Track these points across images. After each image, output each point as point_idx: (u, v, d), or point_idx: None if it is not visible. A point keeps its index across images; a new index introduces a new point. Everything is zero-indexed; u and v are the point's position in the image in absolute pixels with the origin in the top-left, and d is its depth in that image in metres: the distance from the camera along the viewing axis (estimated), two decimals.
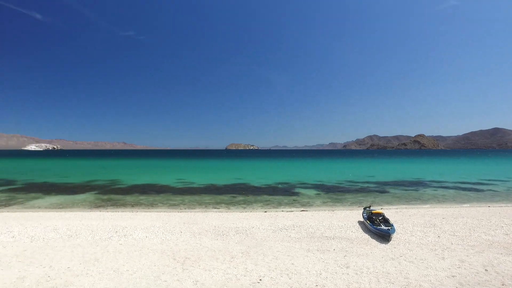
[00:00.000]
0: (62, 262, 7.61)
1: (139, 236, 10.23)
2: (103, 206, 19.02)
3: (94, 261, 7.67)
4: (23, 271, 6.95)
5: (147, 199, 21.47)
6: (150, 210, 17.58)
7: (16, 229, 11.19)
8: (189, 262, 7.65)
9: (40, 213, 16.17)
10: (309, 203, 20.03)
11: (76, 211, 16.96)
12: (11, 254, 8.24)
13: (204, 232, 10.85)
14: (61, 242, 9.56)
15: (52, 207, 18.85)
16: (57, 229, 11.33)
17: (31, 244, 9.31)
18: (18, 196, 23.13)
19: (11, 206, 19.06)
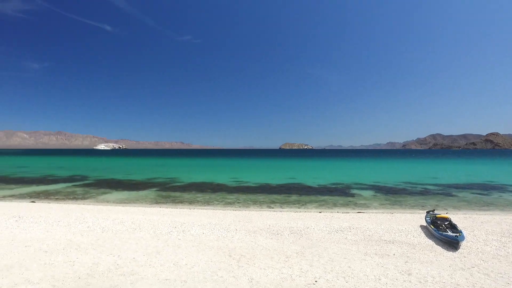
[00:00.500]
0: (128, 252, 8.18)
1: (197, 232, 10.63)
2: (163, 202, 20.11)
3: (156, 254, 8.12)
4: (97, 257, 7.60)
5: (203, 197, 22.28)
6: (206, 207, 18.21)
7: (90, 220, 12.30)
8: (244, 260, 7.76)
9: (109, 206, 17.59)
10: (366, 204, 19.24)
11: (139, 206, 18.15)
12: (87, 242, 9.07)
13: (259, 231, 10.95)
14: (127, 234, 10.28)
15: (119, 201, 20.39)
16: (123, 222, 12.21)
17: (102, 234, 10.15)
18: (91, 191, 25.46)
19: (86, 200, 21.03)
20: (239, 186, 28.73)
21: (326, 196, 22.70)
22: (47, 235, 9.86)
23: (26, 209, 15.34)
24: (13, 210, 14.91)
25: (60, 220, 12.39)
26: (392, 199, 21.21)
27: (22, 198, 21.39)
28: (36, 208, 16.24)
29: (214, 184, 30.62)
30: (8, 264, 6.98)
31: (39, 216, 13.21)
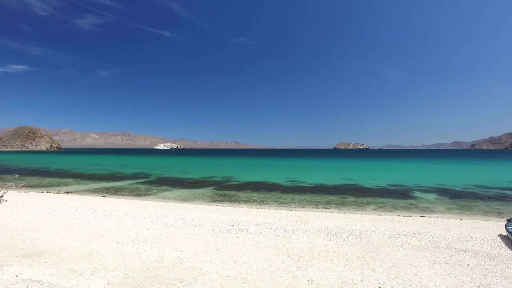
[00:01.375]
0: (190, 248, 8.53)
1: (254, 231, 10.75)
2: (220, 200, 20.70)
3: (216, 251, 8.35)
4: (161, 251, 8.05)
5: (258, 196, 22.53)
6: (262, 206, 18.37)
7: (154, 216, 13.09)
8: (303, 261, 7.66)
9: (170, 203, 18.56)
10: (430, 208, 17.96)
11: (197, 204, 18.88)
12: (152, 236, 9.65)
13: (316, 232, 10.76)
14: (187, 230, 10.74)
15: (178, 199, 21.42)
16: (184, 218, 12.78)
17: (165, 230, 10.72)
18: (153, 188, 27.12)
19: (148, 196, 22.44)
20: (293, 186, 28.58)
21: (384, 198, 21.65)
22: (118, 228, 10.68)
23: (99, 203, 16.79)
24: (89, 203, 16.42)
25: (128, 214, 13.35)
26: (460, 204, 19.53)
27: (95, 193, 23.46)
28: (107, 202, 17.70)
29: (269, 183, 30.80)
30: (88, 251, 7.68)
31: (110, 210, 14.38)
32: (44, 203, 15.77)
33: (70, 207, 14.70)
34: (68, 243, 8.39)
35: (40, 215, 12.50)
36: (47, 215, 12.49)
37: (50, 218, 12.01)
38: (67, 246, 8.04)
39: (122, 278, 6.01)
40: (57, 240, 8.66)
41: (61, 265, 6.59)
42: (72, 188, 26.23)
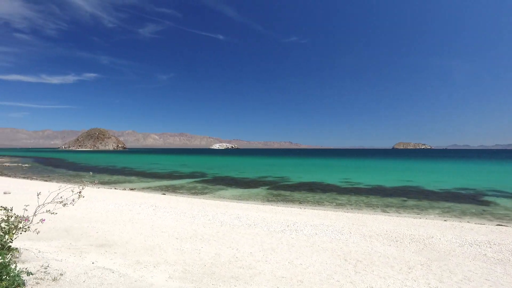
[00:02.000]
0: (245, 247, 8.62)
1: (309, 233, 10.57)
2: (274, 200, 20.72)
3: (271, 251, 8.34)
4: (218, 249, 8.25)
5: (313, 197, 22.16)
6: (317, 207, 18.03)
7: (211, 214, 13.51)
8: (361, 266, 7.34)
9: (225, 202, 19.01)
10: (508, 216, 16.17)
11: (252, 203, 19.10)
12: (209, 233, 9.95)
13: (375, 236, 10.26)
14: (243, 229, 10.89)
15: (233, 198, 21.87)
16: (239, 217, 13.00)
17: (221, 228, 10.99)
18: (209, 187, 28.04)
19: (205, 194, 23.24)
20: (350, 187, 27.66)
21: (451, 202, 19.99)
22: (177, 224, 11.18)
23: (159, 200, 17.78)
24: (150, 200, 17.46)
25: (186, 212, 13.93)
26: None
27: (156, 190, 24.90)
28: (167, 199, 18.67)
29: (324, 184, 30.18)
30: (151, 245, 8.14)
31: (169, 207, 15.14)
32: (112, 198, 17.12)
33: (134, 203, 15.76)
34: (133, 236, 8.97)
35: (109, 209, 13.57)
36: (115, 210, 13.52)
37: (118, 212, 12.97)
38: (133, 239, 8.59)
39: (181, 273, 6.25)
40: (124, 233, 9.31)
41: (128, 256, 7.06)
42: (136, 186, 28.10)
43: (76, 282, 4.32)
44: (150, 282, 4.83)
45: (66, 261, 5.62)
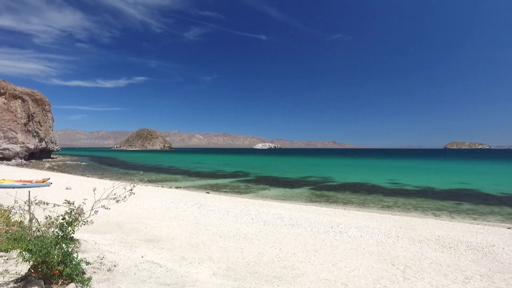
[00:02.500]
0: (288, 247, 8.57)
1: (354, 235, 10.26)
2: (317, 201, 20.39)
3: (314, 252, 8.21)
4: (261, 248, 8.28)
5: (358, 198, 21.50)
6: (362, 209, 17.45)
7: (254, 213, 13.62)
8: (410, 272, 6.97)
9: (268, 202, 19.06)
10: None
11: (294, 203, 18.95)
12: (252, 232, 10.03)
13: (425, 241, 9.70)
14: (286, 229, 10.83)
15: (276, 197, 21.85)
16: (282, 217, 12.96)
17: (264, 227, 11.02)
18: (252, 186, 28.30)
19: (248, 194, 23.47)
20: (396, 189, 26.45)
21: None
22: (221, 222, 11.41)
23: (203, 199, 18.27)
24: (195, 198, 18.00)
25: (229, 210, 14.16)
26: None
27: (200, 189, 25.61)
28: (211, 198, 19.12)
29: (369, 185, 29.16)
30: (196, 242, 8.39)
31: (213, 205, 15.49)
32: (159, 196, 17.89)
33: (180, 201, 16.33)
34: (179, 233, 9.30)
35: (156, 206, 14.20)
36: (162, 207, 14.11)
37: (164, 209, 13.53)
38: (178, 236, 8.91)
39: (225, 270, 6.37)
40: (170, 229, 9.68)
41: (174, 252, 7.33)
42: (181, 184, 29.13)
43: (128, 274, 4.56)
44: (195, 278, 4.97)
45: (118, 254, 5.96)
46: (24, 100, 60.29)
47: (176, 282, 4.48)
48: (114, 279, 4.29)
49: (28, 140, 59.19)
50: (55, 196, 14.56)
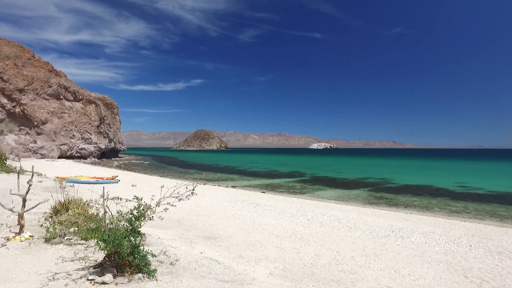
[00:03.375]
0: (346, 250, 8.29)
1: (418, 241, 9.60)
2: (376, 203, 19.49)
3: (374, 257, 7.84)
4: (317, 250, 8.13)
5: (420, 201, 20.13)
6: (425, 213, 16.29)
7: (310, 214, 13.43)
8: (488, 287, 6.32)
9: (324, 203, 18.67)
10: None
11: (352, 205, 18.31)
12: (308, 233, 9.89)
13: (505, 253, 8.73)
14: (343, 232, 10.51)
15: (332, 198, 21.31)
16: (339, 219, 12.60)
17: (320, 229, 10.81)
18: (307, 186, 27.96)
19: (303, 194, 23.23)
20: (466, 193, 24.26)
21: None
22: (276, 222, 11.42)
23: (259, 198, 18.46)
24: (251, 198, 18.27)
25: (285, 210, 14.13)
26: None
27: (255, 189, 25.93)
28: (266, 198, 19.26)
29: (433, 188, 27.15)
30: (252, 241, 8.50)
31: (269, 205, 15.58)
32: (216, 195, 18.46)
33: (236, 200, 16.69)
34: (236, 231, 9.49)
35: (214, 204, 14.67)
36: (219, 205, 14.54)
37: (221, 208, 13.92)
38: (235, 234, 9.10)
39: (282, 271, 6.35)
40: (227, 227, 9.93)
41: (231, 250, 7.49)
42: (237, 183, 29.75)
43: (189, 269, 4.76)
44: (252, 277, 5.02)
45: (179, 249, 6.26)
46: (97, 104, 66.30)
47: (234, 280, 4.57)
48: (176, 273, 4.51)
49: (100, 140, 64.96)
50: (122, 192, 15.74)
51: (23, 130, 50.39)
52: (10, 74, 49.48)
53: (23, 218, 5.77)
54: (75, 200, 7.03)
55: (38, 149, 50.71)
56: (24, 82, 50.96)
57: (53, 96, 55.61)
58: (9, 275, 4.14)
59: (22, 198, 5.81)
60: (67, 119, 57.04)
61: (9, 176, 15.21)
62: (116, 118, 78.39)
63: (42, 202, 6.28)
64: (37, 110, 52.16)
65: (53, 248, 5.24)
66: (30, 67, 55.29)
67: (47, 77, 55.77)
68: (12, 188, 6.68)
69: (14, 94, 49.36)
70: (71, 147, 56.50)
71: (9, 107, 48.93)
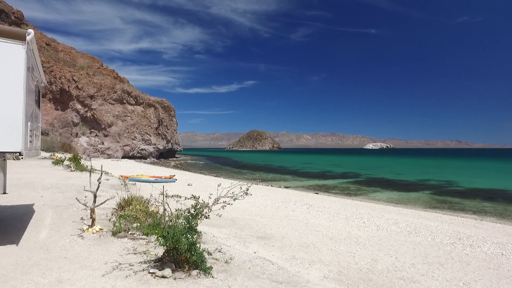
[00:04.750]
0: (406, 256, 7.81)
1: (492, 251, 8.72)
2: (439, 207, 18.14)
3: (438, 265, 7.29)
4: (374, 254, 7.76)
5: (494, 208, 18.28)
6: (500, 221, 14.73)
7: (365, 216, 12.91)
8: None
9: (381, 205, 17.82)
10: None
11: (411, 209, 17.25)
12: (364, 237, 9.50)
13: None
14: (402, 237, 9.92)
15: (390, 201, 20.26)
16: (397, 223, 11.94)
17: (377, 232, 10.33)
18: (362, 188, 26.94)
19: (358, 196, 22.41)
20: None
21: None
22: (330, 224, 11.14)
23: (312, 199, 18.17)
24: (304, 198, 18.05)
25: (339, 212, 13.74)
26: None
27: (308, 189, 25.58)
28: (320, 199, 18.90)
29: (509, 192, 24.54)
30: (306, 242, 8.39)
31: (323, 206, 15.26)
32: (269, 195, 18.53)
33: (289, 200, 16.59)
34: (289, 232, 9.43)
35: (267, 205, 14.74)
36: (272, 206, 14.57)
37: (274, 208, 13.94)
38: (288, 235, 9.04)
39: (336, 274, 6.17)
40: (280, 228, 9.90)
41: (285, 250, 7.46)
42: (290, 184, 29.60)
43: (243, 268, 4.82)
44: (306, 279, 4.94)
45: (233, 248, 6.37)
46: (156, 107, 70.36)
47: (288, 281, 4.53)
48: (231, 271, 4.59)
49: (158, 142, 68.82)
50: (179, 191, 16.44)
51: (93, 133, 55.43)
52: (83, 83, 55.06)
53: (95, 213, 6.31)
54: (137, 198, 7.51)
55: (105, 149, 55.28)
56: (94, 89, 56.15)
57: (117, 101, 60.25)
58: (85, 262, 4.62)
59: (93, 194, 6.37)
60: (130, 122, 61.36)
61: (82, 174, 16.72)
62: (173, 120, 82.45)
63: (109, 198, 6.82)
64: (104, 114, 57.00)
65: (119, 241, 5.67)
66: (99, 75, 61.00)
67: (112, 83, 60.76)
68: (85, 185, 7.33)
69: (86, 100, 54.81)
70: (133, 148, 60.66)
71: (82, 112, 54.49)
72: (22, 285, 3.84)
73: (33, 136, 5.97)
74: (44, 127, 45.48)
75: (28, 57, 4.94)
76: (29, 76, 5.11)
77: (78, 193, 9.81)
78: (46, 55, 54.02)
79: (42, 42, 57.60)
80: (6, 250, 5.00)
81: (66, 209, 7.98)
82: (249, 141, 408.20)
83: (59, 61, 57.40)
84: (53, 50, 60.83)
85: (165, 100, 78.94)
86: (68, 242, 5.54)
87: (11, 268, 4.34)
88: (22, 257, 4.72)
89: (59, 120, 51.86)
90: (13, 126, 4.64)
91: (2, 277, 4.04)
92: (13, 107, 4.67)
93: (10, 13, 54.76)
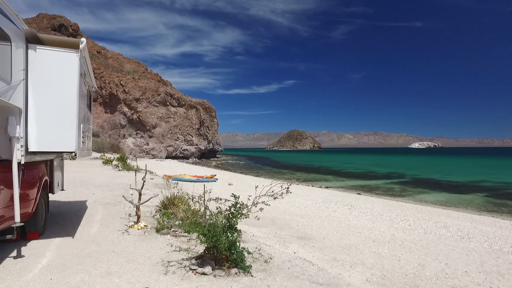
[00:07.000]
0: (458, 263, 7.32)
1: None
2: (496, 211, 16.82)
3: (497, 275, 6.71)
4: (421, 259, 7.35)
5: None
6: None
7: (411, 219, 12.32)
8: None
9: (428, 207, 16.90)
10: None
11: (463, 212, 16.16)
12: (410, 240, 9.05)
13: None
14: (452, 242, 9.33)
15: (438, 203, 19.15)
16: (447, 226, 11.25)
17: (424, 236, 9.79)
18: (408, 189, 25.74)
19: (403, 197, 21.44)
20: None
21: None
22: (373, 226, 10.75)
23: (354, 200, 17.68)
24: (346, 199, 17.62)
25: (383, 214, 13.22)
26: None
27: (350, 190, 24.90)
28: (362, 199, 18.33)
29: None
30: (347, 244, 8.17)
31: (365, 207, 14.78)
32: (310, 195, 18.30)
33: (330, 201, 16.27)
34: (330, 233, 9.24)
35: (307, 205, 14.56)
36: (312, 206, 14.38)
37: (315, 208, 13.74)
38: (329, 236, 8.86)
39: (380, 278, 5.93)
40: (321, 229, 9.73)
41: (325, 252, 7.31)
42: (331, 184, 29.03)
43: (282, 268, 4.80)
44: (347, 282, 4.80)
45: (273, 247, 6.36)
46: (197, 109, 72.41)
47: (328, 283, 4.44)
48: (270, 271, 4.59)
49: (200, 142, 70.72)
50: (220, 190, 16.80)
51: (138, 134, 58.36)
52: (130, 87, 58.27)
53: (140, 210, 6.64)
54: (180, 196, 7.77)
55: (150, 150, 57.94)
56: (140, 92, 59.14)
57: (161, 103, 62.87)
58: (131, 257, 4.87)
59: (138, 192, 6.71)
60: (172, 123, 63.73)
61: (129, 173, 17.65)
62: (214, 121, 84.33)
63: (153, 196, 7.14)
64: (149, 116, 59.76)
65: (162, 237, 5.91)
66: (144, 79, 64.20)
67: (156, 86, 63.58)
68: (131, 183, 7.71)
69: (132, 103, 57.92)
70: (176, 148, 62.91)
71: (129, 115, 57.67)
72: (77, 274, 4.19)
73: (85, 138, 6.41)
74: (95, 129, 48.66)
75: (81, 63, 5.31)
76: (81, 82, 5.49)
77: (125, 191, 10.36)
78: (97, 62, 57.98)
79: (94, 51, 61.87)
80: (64, 242, 5.51)
81: (114, 206, 8.48)
82: (289, 141, 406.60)
83: (108, 67, 61.32)
84: (103, 57, 65.11)
85: (206, 101, 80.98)
86: (116, 237, 5.90)
87: (68, 258, 4.75)
88: (77, 249, 5.15)
89: (108, 122, 55.29)
90: (68, 128, 5.01)
91: (61, 266, 4.43)
92: (68, 111, 5.03)
93: (68, 26, 60.13)
